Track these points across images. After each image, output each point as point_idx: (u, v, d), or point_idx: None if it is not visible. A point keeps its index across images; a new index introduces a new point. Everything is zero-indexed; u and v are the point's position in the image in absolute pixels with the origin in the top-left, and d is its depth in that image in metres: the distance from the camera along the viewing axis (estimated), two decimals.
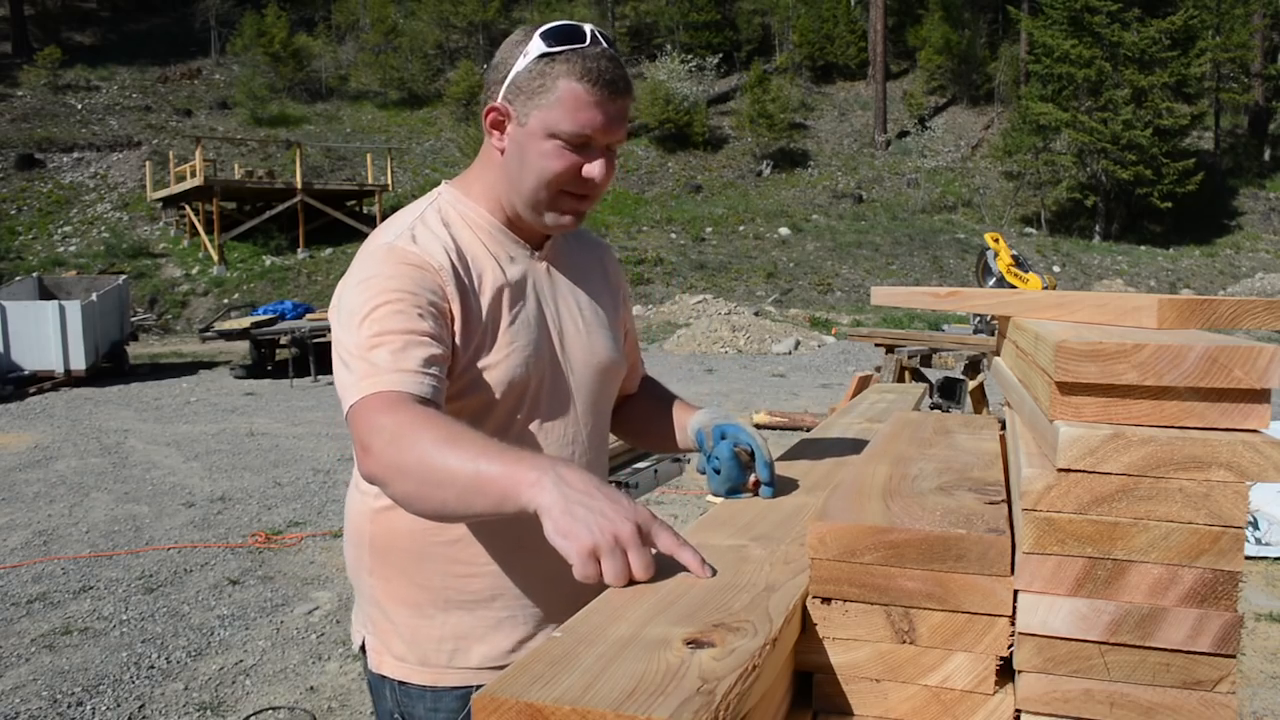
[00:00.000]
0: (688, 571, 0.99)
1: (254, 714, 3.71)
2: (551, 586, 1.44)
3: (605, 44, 1.36)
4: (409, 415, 1.20)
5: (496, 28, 36.07)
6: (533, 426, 1.45)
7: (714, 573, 0.99)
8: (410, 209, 1.46)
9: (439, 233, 1.40)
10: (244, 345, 15.94)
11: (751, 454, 1.36)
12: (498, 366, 1.39)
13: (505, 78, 1.37)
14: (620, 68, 1.36)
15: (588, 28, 1.36)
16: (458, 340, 1.37)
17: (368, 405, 1.23)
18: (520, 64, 1.35)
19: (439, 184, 1.56)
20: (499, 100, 1.38)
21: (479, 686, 1.26)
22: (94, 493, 7.41)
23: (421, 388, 1.25)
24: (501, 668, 1.39)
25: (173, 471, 8.16)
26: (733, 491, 1.36)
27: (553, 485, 1.04)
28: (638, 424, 1.72)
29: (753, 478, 1.36)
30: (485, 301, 1.39)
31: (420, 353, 1.28)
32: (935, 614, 0.90)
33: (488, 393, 1.39)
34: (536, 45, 1.34)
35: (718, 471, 1.36)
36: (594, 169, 1.36)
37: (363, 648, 1.52)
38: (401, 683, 1.45)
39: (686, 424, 1.57)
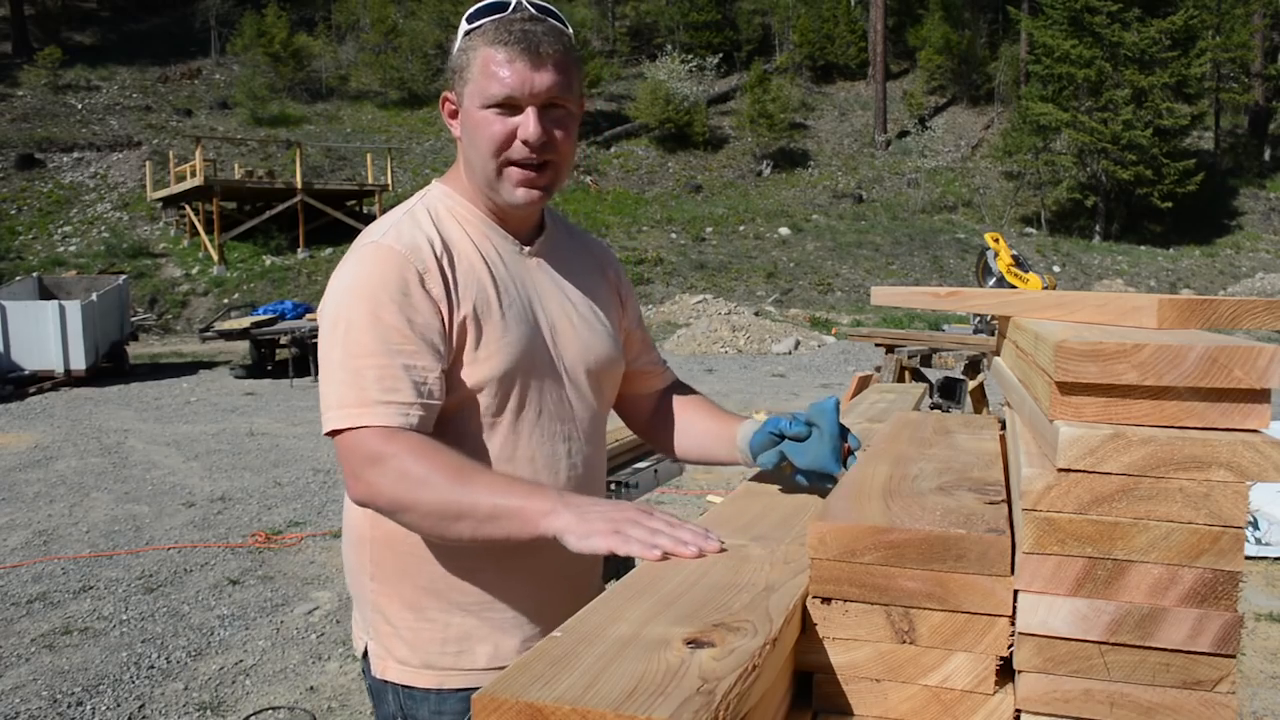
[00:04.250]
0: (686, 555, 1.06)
1: (254, 714, 3.71)
2: (552, 587, 1.43)
3: (533, 10, 1.35)
4: (410, 448, 1.24)
5: None
6: (526, 422, 1.41)
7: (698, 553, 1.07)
8: (401, 206, 1.46)
9: (426, 228, 1.38)
10: (244, 345, 15.92)
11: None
12: (487, 361, 1.37)
13: (450, 67, 1.41)
14: (544, 27, 1.34)
15: None
16: (452, 336, 1.35)
17: (359, 436, 1.26)
18: (454, 49, 1.39)
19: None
20: (450, 90, 1.41)
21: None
22: (94, 493, 7.40)
23: (408, 419, 1.27)
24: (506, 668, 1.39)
25: (173, 471, 8.16)
26: (823, 468, 1.35)
27: (564, 509, 1.16)
28: (665, 426, 1.68)
29: (845, 446, 1.38)
30: (472, 296, 1.37)
31: (409, 379, 1.28)
32: (935, 614, 0.90)
33: (478, 388, 1.37)
34: (463, 26, 1.37)
35: (807, 426, 1.36)
36: (525, 129, 1.34)
37: (365, 654, 1.49)
38: (406, 687, 1.42)
39: (735, 435, 1.53)
